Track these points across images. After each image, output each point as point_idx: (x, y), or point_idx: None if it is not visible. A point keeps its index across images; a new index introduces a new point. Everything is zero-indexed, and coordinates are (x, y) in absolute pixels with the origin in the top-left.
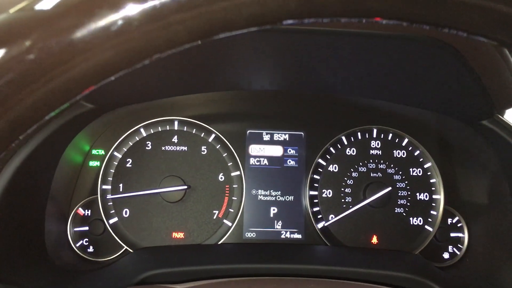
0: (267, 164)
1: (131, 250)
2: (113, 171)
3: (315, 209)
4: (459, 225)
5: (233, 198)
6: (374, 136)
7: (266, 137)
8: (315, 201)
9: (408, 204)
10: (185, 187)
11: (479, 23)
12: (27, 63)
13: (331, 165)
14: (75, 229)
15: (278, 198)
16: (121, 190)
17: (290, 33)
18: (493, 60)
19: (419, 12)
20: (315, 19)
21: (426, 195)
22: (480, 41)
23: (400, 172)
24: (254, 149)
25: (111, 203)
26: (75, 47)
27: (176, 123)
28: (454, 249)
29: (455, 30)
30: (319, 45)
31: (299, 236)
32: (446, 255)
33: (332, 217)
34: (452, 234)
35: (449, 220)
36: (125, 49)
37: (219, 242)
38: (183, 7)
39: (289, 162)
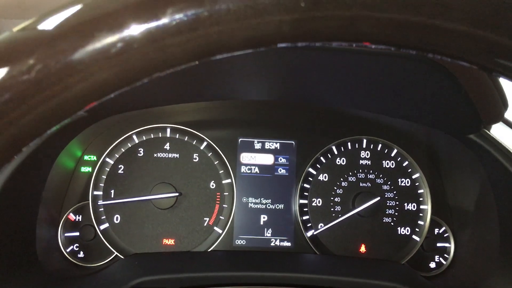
0: (258, 172)
1: (122, 256)
2: (105, 177)
3: (305, 217)
4: (445, 235)
5: (224, 205)
6: (364, 146)
7: (258, 146)
8: (304, 209)
9: (396, 214)
10: (176, 194)
11: (463, 50)
12: (26, 82)
13: (321, 174)
14: (66, 234)
15: (269, 206)
16: (112, 196)
17: (283, 48)
18: (481, 79)
19: (406, 38)
20: (308, 43)
21: (414, 205)
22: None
23: (389, 182)
24: (246, 157)
25: (102, 209)
26: (75, 68)
27: (168, 130)
28: (441, 259)
29: (439, 55)
30: (311, 59)
31: (289, 244)
32: (432, 265)
33: (321, 226)
34: (438, 244)
35: (436, 230)
36: (123, 70)
37: (209, 249)
38: (180, 30)
39: (280, 170)
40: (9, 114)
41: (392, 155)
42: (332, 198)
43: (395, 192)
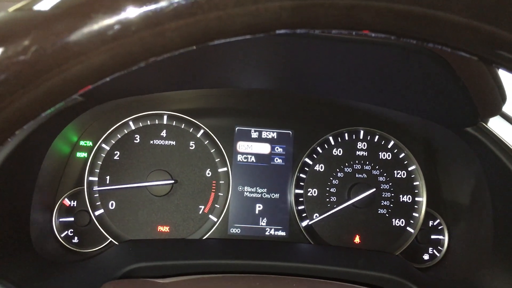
0: (254, 161)
1: (116, 242)
2: (101, 163)
3: (300, 207)
4: (439, 227)
5: (219, 194)
6: (361, 137)
7: (254, 135)
8: (300, 199)
9: (391, 205)
10: (172, 181)
11: (463, 40)
12: (22, 63)
13: (317, 165)
14: (60, 219)
15: (264, 195)
16: (107, 182)
17: (282, 36)
18: (480, 71)
19: (406, 28)
20: (307, 30)
21: (409, 197)
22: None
23: (385, 174)
24: (242, 146)
25: (97, 195)
26: (71, 50)
27: (165, 117)
28: (434, 251)
29: (439, 45)
30: (310, 49)
31: (283, 233)
32: (426, 257)
33: (316, 216)
34: (432, 236)
35: (430, 223)
36: (120, 53)
37: (204, 237)
38: (179, 14)
39: (276, 160)
40: (4, 95)
41: (389, 146)
42: (327, 189)
43: (390, 183)
